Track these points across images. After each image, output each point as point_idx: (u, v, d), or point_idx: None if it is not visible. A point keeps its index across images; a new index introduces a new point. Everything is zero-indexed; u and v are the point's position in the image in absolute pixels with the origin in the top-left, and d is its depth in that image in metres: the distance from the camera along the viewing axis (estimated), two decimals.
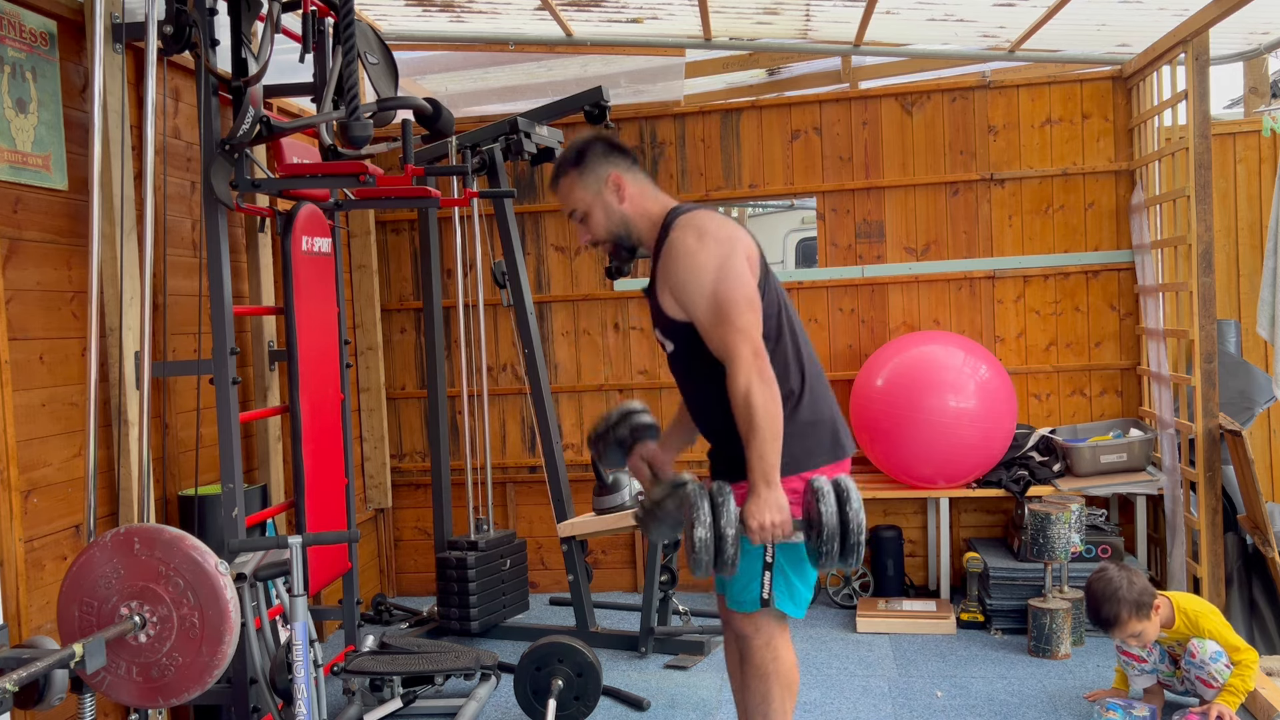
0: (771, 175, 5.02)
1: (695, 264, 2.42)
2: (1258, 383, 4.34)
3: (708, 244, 2.43)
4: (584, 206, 2.61)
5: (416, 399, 5.30)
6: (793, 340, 2.55)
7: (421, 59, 4.87)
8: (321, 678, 2.77)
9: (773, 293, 2.53)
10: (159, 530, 2.37)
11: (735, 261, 2.41)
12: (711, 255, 2.41)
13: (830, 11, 4.17)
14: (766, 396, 2.32)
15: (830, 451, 2.54)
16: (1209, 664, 3.19)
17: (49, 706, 2.24)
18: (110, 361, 3.16)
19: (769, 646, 2.59)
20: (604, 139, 2.64)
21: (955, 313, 4.89)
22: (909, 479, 4.55)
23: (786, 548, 2.54)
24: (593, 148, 2.60)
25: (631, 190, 2.59)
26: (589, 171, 2.59)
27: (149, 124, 3.07)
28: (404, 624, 4.73)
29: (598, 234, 2.63)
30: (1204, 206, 4.01)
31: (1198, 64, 3.98)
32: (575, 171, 2.60)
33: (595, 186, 2.58)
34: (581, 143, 2.63)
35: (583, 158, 2.60)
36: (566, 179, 2.61)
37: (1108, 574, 3.27)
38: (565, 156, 2.63)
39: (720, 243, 2.43)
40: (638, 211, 2.60)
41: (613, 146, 2.62)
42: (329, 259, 3.93)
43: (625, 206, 2.59)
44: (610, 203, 2.59)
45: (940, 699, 3.60)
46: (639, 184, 2.62)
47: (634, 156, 2.65)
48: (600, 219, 2.61)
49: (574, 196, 2.61)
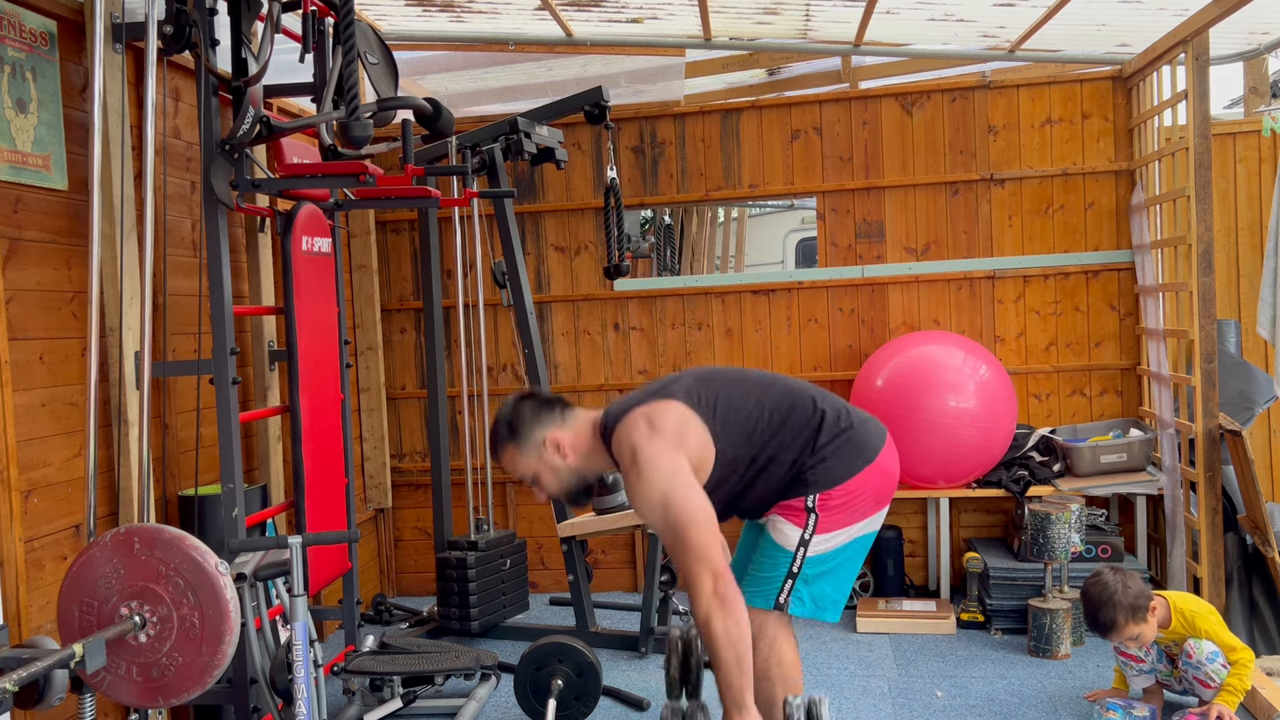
0: (771, 175, 5.02)
1: (641, 494, 2.46)
2: (1258, 383, 4.34)
3: (645, 473, 2.46)
4: (531, 472, 2.66)
5: (416, 399, 5.30)
6: (786, 415, 2.59)
7: (421, 59, 4.87)
8: (321, 678, 2.77)
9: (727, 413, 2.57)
10: (159, 530, 2.37)
11: (677, 485, 2.42)
12: (653, 485, 2.44)
13: (830, 11, 4.17)
14: (728, 624, 2.34)
15: (861, 459, 2.60)
16: (1205, 664, 3.20)
17: (49, 706, 2.24)
18: (110, 361, 3.16)
19: (773, 649, 2.61)
20: (529, 399, 2.67)
21: (955, 313, 4.89)
22: (909, 479, 4.55)
23: (814, 559, 2.58)
24: (521, 416, 2.63)
25: (569, 441, 2.62)
26: (525, 441, 2.62)
27: (149, 124, 3.07)
28: (404, 624, 4.72)
29: (552, 492, 2.68)
30: (1204, 206, 4.01)
31: (1198, 64, 3.98)
32: (513, 445, 2.64)
33: (535, 453, 2.62)
34: (509, 413, 2.65)
35: (515, 430, 2.63)
36: (507, 453, 2.66)
37: (1102, 578, 3.26)
38: (499, 431, 2.66)
39: (657, 464, 2.45)
40: (583, 456, 2.64)
41: (541, 403, 2.66)
42: (329, 259, 3.93)
43: (570, 460, 2.63)
44: (555, 463, 2.63)
45: (940, 699, 3.60)
46: (573, 429, 2.64)
47: (561, 402, 2.68)
48: (551, 479, 2.66)
49: (519, 466, 2.66)
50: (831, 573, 2.62)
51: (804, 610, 2.61)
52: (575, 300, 5.17)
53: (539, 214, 5.18)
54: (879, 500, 2.66)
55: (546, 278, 5.19)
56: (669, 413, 2.54)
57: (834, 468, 2.57)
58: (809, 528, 2.57)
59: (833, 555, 2.61)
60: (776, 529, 2.62)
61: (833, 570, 2.62)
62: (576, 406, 2.71)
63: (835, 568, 2.63)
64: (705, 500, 2.43)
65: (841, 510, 2.58)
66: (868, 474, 2.60)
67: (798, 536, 2.58)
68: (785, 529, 2.60)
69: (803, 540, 2.57)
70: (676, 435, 2.50)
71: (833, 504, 2.57)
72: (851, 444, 2.60)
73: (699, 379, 2.65)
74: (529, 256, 5.18)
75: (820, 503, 2.56)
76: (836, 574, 2.64)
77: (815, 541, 2.57)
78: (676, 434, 2.50)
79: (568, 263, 5.18)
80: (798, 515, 2.59)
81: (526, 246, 5.18)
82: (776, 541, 2.61)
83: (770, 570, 2.62)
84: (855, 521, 2.62)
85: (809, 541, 2.57)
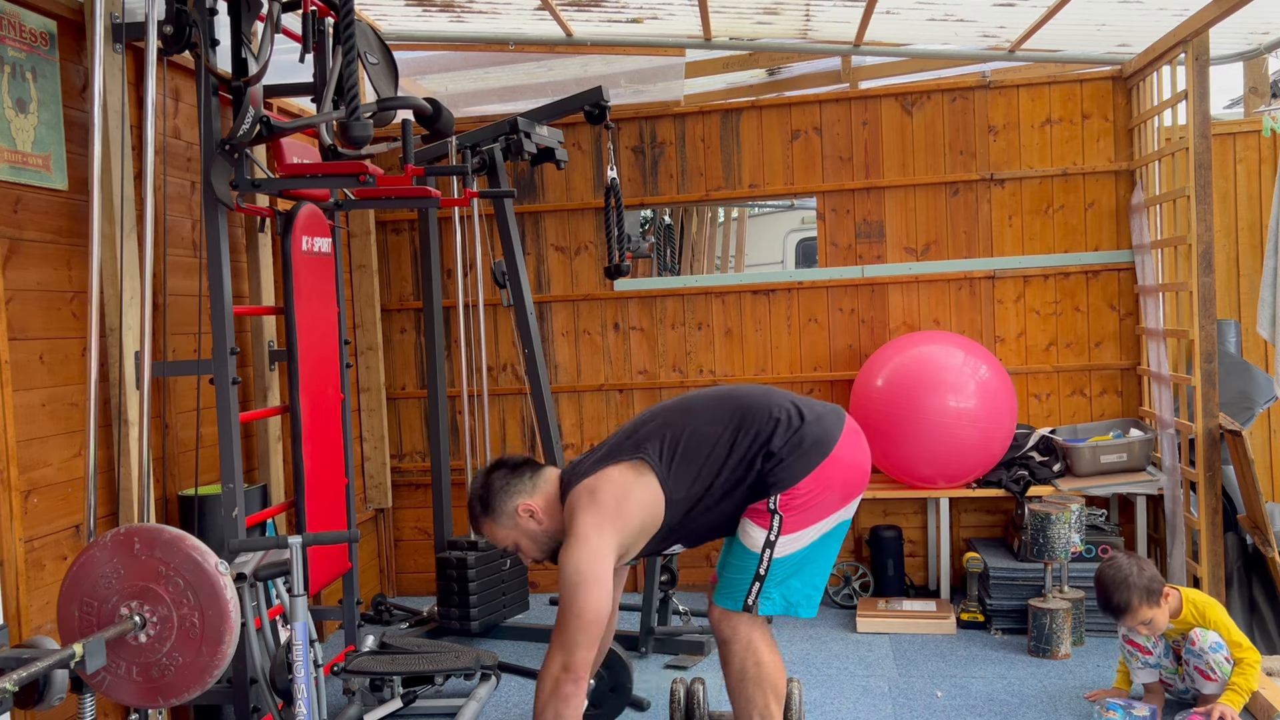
0: (771, 175, 5.02)
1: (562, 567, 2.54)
2: (1258, 383, 4.34)
3: (571, 551, 2.55)
4: (511, 541, 2.75)
5: (416, 399, 5.30)
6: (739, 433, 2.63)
7: (421, 59, 4.87)
8: (321, 678, 2.77)
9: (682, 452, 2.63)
10: (159, 530, 2.37)
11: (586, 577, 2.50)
12: (571, 565, 2.53)
13: (830, 11, 4.17)
14: (549, 710, 2.46)
15: (818, 453, 2.61)
16: (1208, 653, 3.19)
17: (49, 706, 2.24)
18: (110, 361, 3.16)
19: (749, 650, 2.64)
20: (499, 469, 2.74)
21: (955, 313, 4.89)
22: (909, 479, 4.55)
23: (781, 560, 2.59)
24: (491, 488, 2.72)
25: (541, 506, 2.71)
26: (500, 513, 2.71)
27: (149, 124, 3.07)
28: (404, 624, 4.72)
29: (535, 556, 2.76)
30: (1204, 206, 4.01)
31: (1198, 64, 3.98)
32: (489, 520, 2.73)
33: (511, 523, 2.71)
34: (482, 486, 2.74)
35: (488, 506, 2.72)
36: (485, 527, 2.75)
37: (1117, 562, 3.29)
38: (474, 506, 2.76)
39: (583, 541, 2.54)
40: (553, 518, 2.71)
41: (510, 471, 2.73)
42: (329, 259, 3.93)
43: (545, 524, 2.71)
44: (530, 529, 2.71)
45: (940, 699, 3.60)
46: (543, 493, 2.72)
47: (529, 464, 2.76)
48: (530, 545, 2.74)
49: (499, 537, 2.75)
50: (800, 570, 2.64)
51: (774, 608, 2.64)
52: (575, 300, 5.17)
53: (539, 214, 5.18)
54: (846, 493, 2.66)
55: (546, 278, 5.19)
56: (610, 486, 2.61)
57: (791, 465, 2.58)
58: (773, 529, 2.58)
59: (800, 555, 2.62)
60: (744, 531, 2.65)
61: (802, 567, 2.64)
62: (544, 466, 2.78)
63: (804, 563, 2.64)
64: (602, 606, 2.50)
65: (806, 509, 2.59)
66: (827, 466, 2.60)
67: (763, 539, 2.59)
68: (751, 531, 2.62)
69: (768, 542, 2.59)
70: (615, 509, 2.57)
71: (796, 503, 2.58)
72: (806, 440, 2.60)
73: (662, 426, 2.70)
74: (529, 256, 5.18)
75: (782, 503, 2.58)
76: (807, 569, 2.66)
77: (781, 543, 2.59)
78: (615, 508, 2.57)
79: (568, 263, 5.18)
80: (762, 518, 2.60)
81: (526, 246, 5.18)
82: (744, 544, 2.64)
83: (737, 573, 2.65)
84: (822, 518, 2.62)
85: (775, 544, 2.59)
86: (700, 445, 2.64)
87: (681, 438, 2.65)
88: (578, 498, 2.63)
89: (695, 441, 2.64)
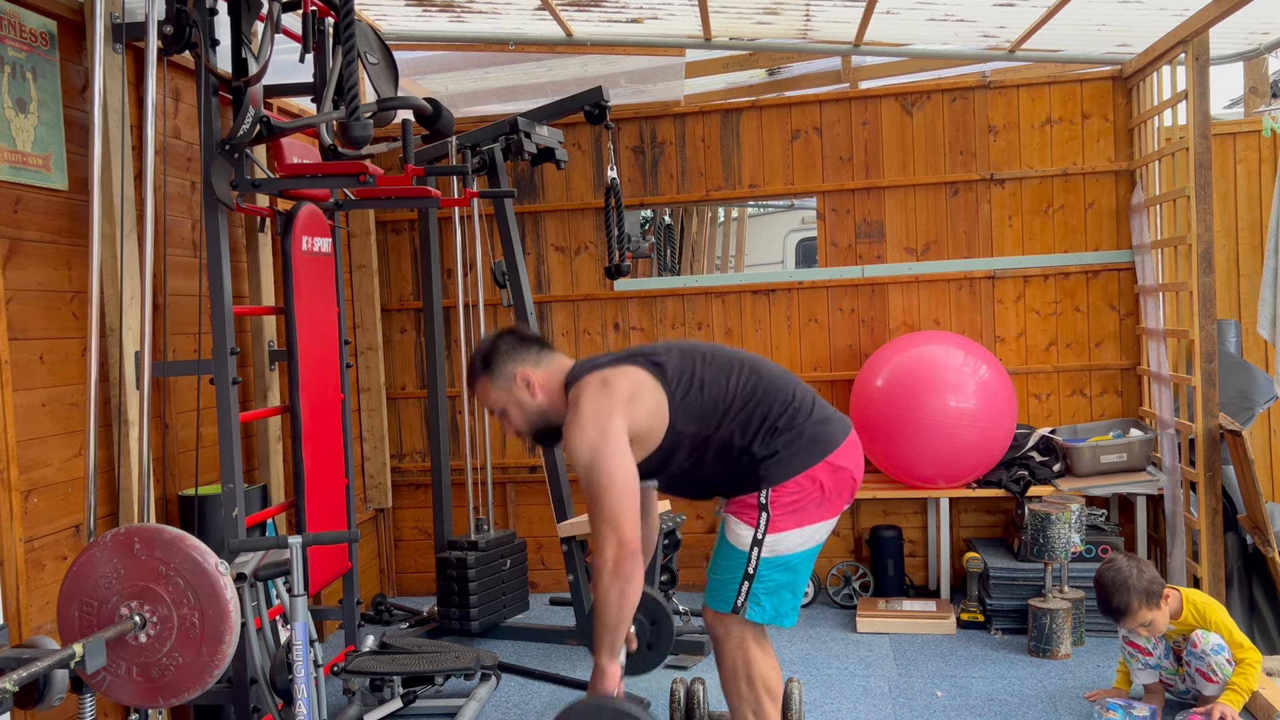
0: (771, 175, 5.02)
1: (571, 450, 2.52)
2: (1258, 383, 4.34)
3: (580, 429, 2.51)
4: (500, 405, 2.72)
5: (416, 399, 5.30)
6: (751, 397, 2.60)
7: (421, 59, 4.87)
8: (321, 678, 2.78)
9: (700, 399, 2.58)
10: (159, 530, 2.37)
11: (605, 448, 2.46)
12: (583, 443, 2.49)
13: (830, 11, 4.17)
14: (612, 590, 2.41)
15: (819, 452, 2.59)
16: (1210, 655, 3.19)
17: (49, 706, 2.24)
18: (110, 361, 3.16)
19: (740, 649, 2.62)
20: (510, 334, 2.74)
21: (955, 313, 4.89)
22: (909, 479, 4.55)
23: (770, 561, 2.57)
24: (498, 348, 2.70)
25: (540, 380, 2.68)
26: (498, 373, 2.69)
27: (149, 124, 3.07)
28: (404, 624, 4.72)
29: (519, 427, 2.73)
30: (1204, 206, 4.01)
31: (1198, 64, 3.98)
32: (486, 377, 2.70)
33: (506, 386, 2.69)
34: (488, 345, 2.73)
35: (489, 362, 2.70)
36: (480, 384, 2.72)
37: (1117, 564, 3.28)
38: (473, 363, 2.74)
39: (593, 423, 2.50)
40: (552, 397, 2.69)
41: (519, 340, 2.72)
42: (329, 259, 3.93)
43: (539, 399, 2.68)
44: (524, 399, 2.69)
45: (940, 699, 3.60)
46: (546, 370, 2.70)
47: (539, 341, 2.74)
48: (517, 414, 2.71)
49: (490, 398, 2.73)
50: (789, 578, 2.61)
51: (763, 616, 2.61)
52: (575, 300, 5.17)
53: (539, 214, 5.18)
54: (833, 504, 2.63)
55: (546, 278, 5.19)
56: (625, 377, 2.58)
57: (787, 459, 2.56)
58: (761, 526, 2.56)
59: (789, 560, 2.59)
60: (730, 529, 2.62)
61: (790, 577, 2.61)
62: (557, 351, 2.76)
63: (792, 572, 2.61)
64: (631, 469, 2.47)
65: (794, 509, 2.56)
66: (822, 469, 2.57)
67: (750, 536, 2.57)
68: (738, 529, 2.59)
69: (756, 540, 2.56)
70: (626, 399, 2.54)
71: (785, 500, 2.55)
72: (807, 434, 2.58)
73: (682, 353, 2.68)
74: (529, 256, 5.18)
75: (772, 499, 2.55)
76: (795, 580, 2.64)
77: (769, 541, 2.56)
78: (627, 397, 2.54)
79: (568, 263, 5.18)
80: (749, 513, 2.57)
81: (526, 246, 5.18)
82: (731, 543, 2.61)
83: (726, 573, 2.62)
84: (809, 523, 2.59)
85: (762, 541, 2.56)
86: (714, 391, 2.60)
87: (698, 376, 2.62)
88: (588, 384, 2.57)
89: (710, 385, 2.60)
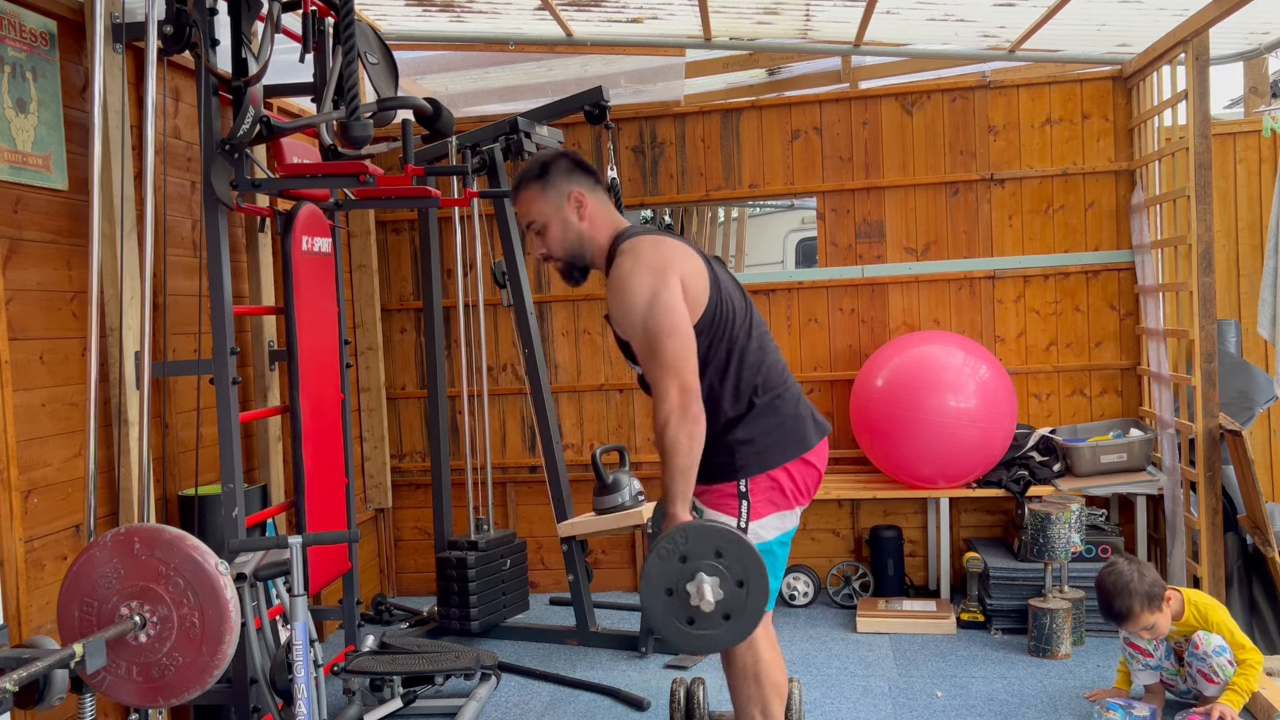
0: (771, 175, 5.02)
1: (627, 295, 2.45)
2: (1258, 383, 4.34)
3: (640, 274, 2.44)
4: (543, 219, 2.63)
5: (416, 399, 5.30)
6: (757, 353, 2.57)
7: (421, 59, 4.87)
8: (321, 678, 2.77)
9: (726, 311, 2.54)
10: (159, 530, 2.37)
11: (666, 294, 2.42)
12: (643, 286, 2.43)
13: (830, 11, 4.17)
14: (681, 432, 2.35)
15: (795, 448, 2.57)
16: (1211, 657, 3.19)
17: (49, 706, 2.24)
18: (110, 361, 3.16)
19: (751, 648, 2.60)
20: (570, 155, 2.67)
21: (955, 313, 4.89)
22: (909, 479, 4.55)
23: (757, 547, 2.55)
24: (557, 163, 2.63)
25: (592, 209, 2.62)
26: (552, 186, 2.61)
27: (149, 124, 3.07)
28: (404, 624, 4.73)
29: (554, 249, 2.66)
30: (1204, 206, 4.01)
31: (1198, 64, 3.98)
32: (538, 184, 2.62)
33: (557, 201, 2.61)
34: (547, 156, 2.65)
35: (547, 171, 2.62)
36: (529, 191, 2.63)
37: (1118, 568, 3.27)
38: (529, 169, 2.65)
39: (653, 272, 2.44)
40: (595, 232, 2.63)
41: (577, 164, 2.65)
42: (329, 259, 3.93)
43: (584, 225, 2.62)
44: (570, 219, 2.62)
45: (940, 699, 3.60)
46: (599, 204, 2.64)
47: (596, 176, 2.67)
48: (558, 234, 2.63)
49: (534, 208, 2.63)
50: (774, 568, 2.57)
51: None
52: (575, 300, 5.16)
53: None
54: (803, 493, 2.61)
55: (546, 278, 5.18)
56: (687, 254, 2.52)
57: (764, 450, 2.53)
58: (743, 515, 2.53)
59: (770, 546, 2.57)
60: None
61: (773, 565, 2.57)
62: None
63: (772, 557, 2.58)
64: (688, 318, 2.42)
65: (770, 495, 2.55)
66: (796, 464, 2.56)
67: (734, 526, 2.53)
68: (721, 521, 2.54)
69: (740, 529, 2.53)
70: (680, 267, 2.47)
71: (762, 487, 2.54)
72: (784, 431, 2.56)
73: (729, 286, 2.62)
74: (529, 256, 5.18)
75: (751, 487, 2.53)
76: (778, 570, 2.62)
77: (753, 528, 2.54)
78: (681, 267, 2.48)
79: None
80: (729, 502, 2.54)
81: (526, 246, 5.17)
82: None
83: None
84: (786, 508, 2.58)
85: (746, 530, 2.54)
86: (737, 328, 2.55)
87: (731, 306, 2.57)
88: (647, 239, 2.51)
89: (736, 322, 2.56)
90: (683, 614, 2.31)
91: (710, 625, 2.30)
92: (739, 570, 2.28)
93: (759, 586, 2.28)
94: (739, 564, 2.28)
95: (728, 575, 2.28)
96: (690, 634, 2.33)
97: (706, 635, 2.31)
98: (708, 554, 2.28)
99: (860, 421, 4.63)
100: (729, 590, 2.28)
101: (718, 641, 2.33)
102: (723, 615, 2.29)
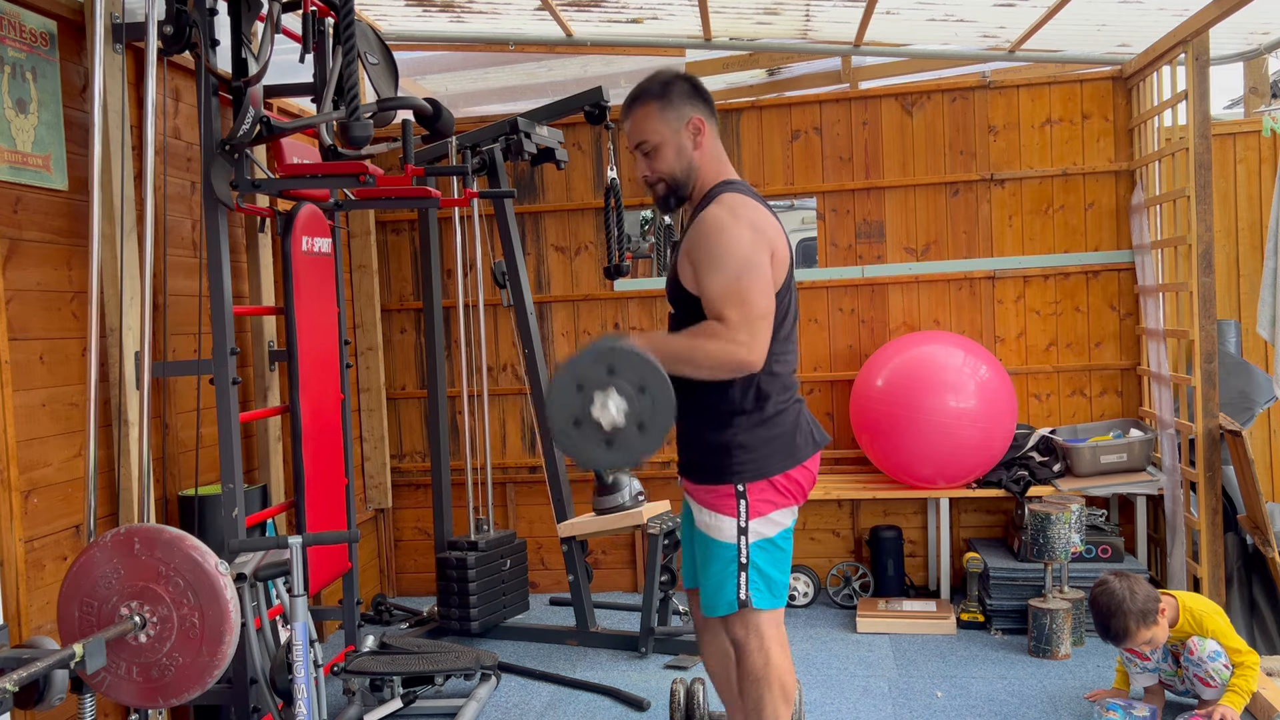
0: (771, 175, 5.02)
1: (723, 244, 2.36)
2: (1258, 383, 4.34)
3: (742, 229, 2.37)
4: (656, 140, 2.50)
5: (416, 399, 5.30)
6: (791, 356, 2.55)
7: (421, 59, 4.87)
8: (321, 678, 2.77)
9: (788, 296, 2.51)
10: (159, 530, 2.37)
11: (762, 257, 2.37)
12: (743, 242, 2.35)
13: (830, 11, 4.17)
14: (705, 368, 2.34)
15: (791, 461, 2.54)
16: (1207, 662, 3.19)
17: (49, 707, 2.24)
18: (110, 361, 3.16)
19: (762, 650, 2.54)
20: (691, 79, 2.55)
21: (955, 313, 4.89)
22: (909, 479, 4.55)
23: (759, 545, 2.54)
24: (679, 84, 2.51)
25: (708, 139, 2.53)
26: (672, 107, 2.49)
27: (149, 124, 3.07)
28: (404, 624, 4.73)
29: (662, 171, 2.52)
30: (1204, 206, 4.01)
31: (1198, 64, 3.98)
32: (658, 103, 2.49)
33: (675, 124, 2.49)
34: (668, 74, 2.52)
35: (668, 90, 2.49)
36: (645, 108, 2.50)
37: (1109, 587, 3.23)
38: (649, 85, 2.52)
39: (756, 231, 2.38)
40: (704, 163, 2.53)
41: (698, 90, 2.54)
42: (329, 259, 3.93)
43: (697, 154, 2.52)
44: (685, 144, 2.51)
45: (940, 699, 3.60)
46: (714, 138, 2.55)
47: (714, 107, 2.57)
48: (670, 157, 2.51)
49: (648, 127, 2.50)
50: (777, 553, 2.55)
51: (768, 601, 2.52)
52: (575, 300, 5.17)
53: (539, 214, 5.18)
54: (799, 493, 2.59)
55: (546, 278, 5.19)
56: (780, 230, 2.47)
57: (765, 458, 2.51)
58: (742, 514, 2.50)
59: (773, 542, 2.54)
60: (711, 528, 2.54)
61: (780, 558, 2.56)
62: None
63: (776, 553, 2.55)
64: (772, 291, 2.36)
65: (769, 493, 2.52)
66: (796, 471, 2.55)
67: (734, 526, 2.50)
68: (720, 523, 2.52)
69: (741, 529, 2.50)
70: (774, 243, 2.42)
71: (759, 487, 2.51)
72: (785, 440, 2.53)
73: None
74: (529, 256, 5.18)
75: (749, 487, 2.51)
76: (779, 555, 2.58)
77: (754, 526, 2.50)
78: (774, 242, 2.42)
79: (568, 263, 5.18)
80: (728, 502, 2.51)
81: (526, 246, 5.18)
82: (715, 539, 2.53)
83: (720, 573, 2.53)
84: (785, 505, 2.56)
85: (747, 529, 2.50)
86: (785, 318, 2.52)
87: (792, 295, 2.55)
88: (749, 201, 2.43)
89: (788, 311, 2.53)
90: (598, 438, 2.30)
91: (629, 438, 2.29)
92: (635, 377, 2.27)
93: (660, 384, 2.26)
94: (633, 371, 2.27)
95: (626, 386, 2.27)
96: (615, 454, 2.32)
97: (630, 448, 2.31)
98: (600, 374, 2.27)
99: (860, 421, 4.62)
100: (632, 399, 2.27)
101: (643, 447, 2.31)
102: (636, 425, 2.28)
